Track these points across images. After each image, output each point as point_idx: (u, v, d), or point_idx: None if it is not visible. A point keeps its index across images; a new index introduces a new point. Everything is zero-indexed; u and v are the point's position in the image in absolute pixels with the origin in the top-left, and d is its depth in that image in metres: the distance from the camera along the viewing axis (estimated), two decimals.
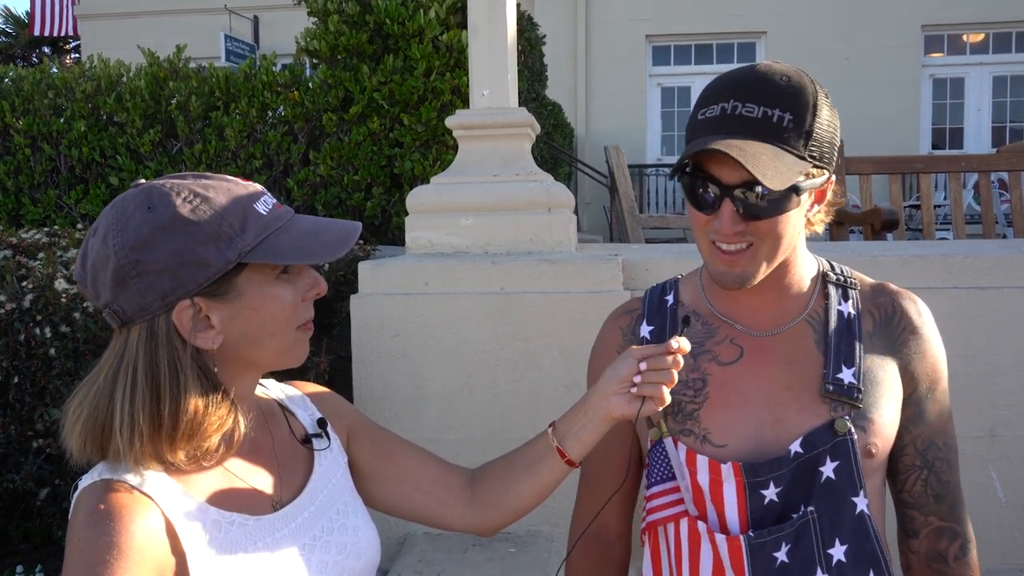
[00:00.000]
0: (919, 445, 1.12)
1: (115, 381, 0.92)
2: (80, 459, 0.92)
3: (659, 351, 1.03)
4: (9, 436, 2.71)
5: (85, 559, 0.85)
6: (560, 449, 1.10)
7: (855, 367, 1.09)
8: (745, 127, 0.99)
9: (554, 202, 2.93)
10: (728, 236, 1.02)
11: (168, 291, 0.91)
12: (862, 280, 1.18)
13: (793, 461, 1.06)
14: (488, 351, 2.70)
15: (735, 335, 1.14)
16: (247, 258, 0.93)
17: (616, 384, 1.05)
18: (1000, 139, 11.24)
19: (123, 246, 0.90)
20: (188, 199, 0.92)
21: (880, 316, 1.13)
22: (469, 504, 1.16)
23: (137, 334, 0.92)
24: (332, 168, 4.20)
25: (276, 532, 0.99)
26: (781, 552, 1.05)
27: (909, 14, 10.95)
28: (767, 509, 1.06)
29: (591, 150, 11.15)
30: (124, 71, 4.59)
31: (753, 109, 0.99)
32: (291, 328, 0.99)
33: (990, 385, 2.62)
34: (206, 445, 0.94)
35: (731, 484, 1.08)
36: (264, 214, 0.96)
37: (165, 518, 0.90)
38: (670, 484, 1.14)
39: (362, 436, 1.19)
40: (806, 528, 1.04)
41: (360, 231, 1.02)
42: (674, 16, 11.39)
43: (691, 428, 1.12)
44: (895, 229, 4.30)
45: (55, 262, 2.91)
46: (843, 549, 1.04)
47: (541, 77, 6.42)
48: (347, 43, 4.16)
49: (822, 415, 1.07)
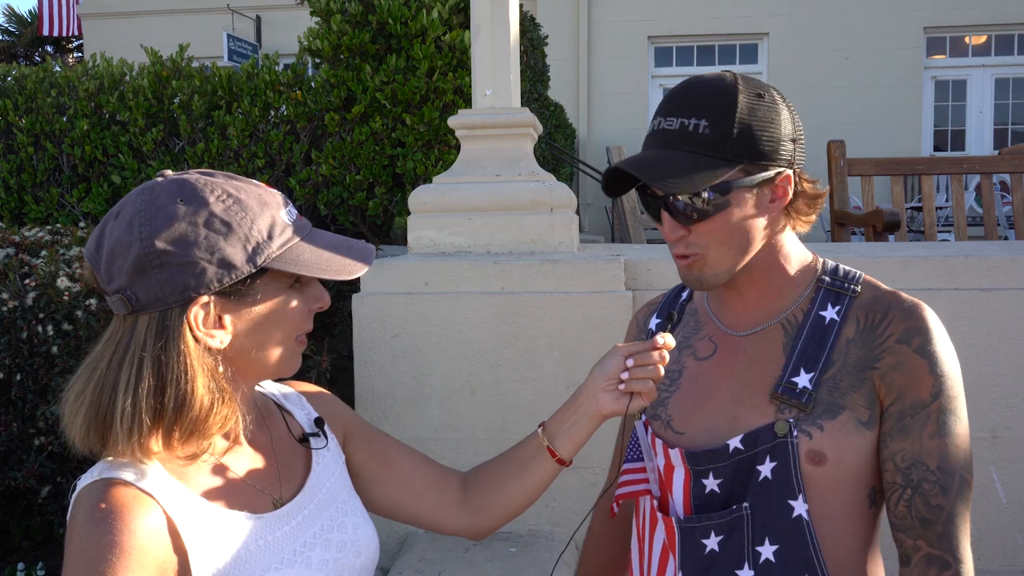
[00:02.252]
0: (899, 462, 1.04)
1: (120, 369, 0.90)
2: (82, 448, 0.91)
3: (645, 347, 1.06)
4: (11, 433, 2.72)
5: (87, 559, 0.84)
6: (551, 448, 1.11)
7: (815, 372, 1.07)
8: (663, 140, 1.06)
9: (556, 202, 2.94)
10: (672, 241, 1.09)
11: (188, 286, 0.90)
12: (871, 287, 1.13)
13: (732, 456, 1.08)
14: (490, 351, 2.70)
15: (714, 333, 1.18)
16: (271, 264, 0.93)
17: (604, 381, 1.07)
18: (1002, 141, 11.23)
19: (150, 235, 0.89)
20: (221, 198, 0.92)
21: (865, 323, 1.09)
22: (462, 507, 1.17)
23: (146, 324, 0.91)
24: (334, 167, 4.20)
25: (277, 530, 0.99)
26: (711, 540, 1.08)
27: (911, 16, 10.94)
28: (709, 498, 1.10)
29: (593, 151, 11.15)
30: (127, 70, 4.60)
31: (672, 122, 1.05)
32: (292, 338, 1.00)
33: (991, 387, 2.63)
34: (206, 443, 0.94)
35: (680, 470, 1.13)
36: (289, 223, 0.96)
37: (167, 516, 0.90)
38: (639, 464, 1.20)
39: (358, 438, 1.19)
40: (739, 523, 1.06)
41: (375, 253, 1.04)
42: (676, 17, 11.38)
43: (660, 414, 1.18)
44: (897, 230, 4.30)
45: (57, 260, 2.92)
46: (772, 549, 1.05)
47: (543, 77, 6.42)
48: (350, 43, 4.16)
49: (768, 415, 1.08)
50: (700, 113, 1.03)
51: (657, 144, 1.06)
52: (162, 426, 0.90)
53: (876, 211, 4.28)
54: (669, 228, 1.07)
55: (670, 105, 1.06)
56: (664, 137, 1.05)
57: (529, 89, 5.66)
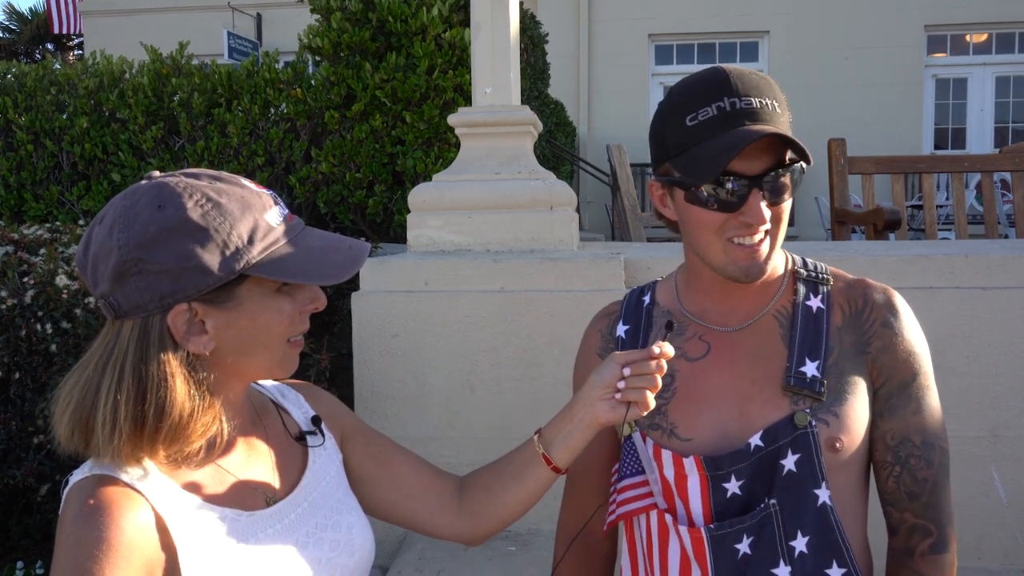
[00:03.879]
0: (889, 440, 1.10)
1: (103, 373, 0.90)
2: (67, 448, 0.91)
3: (642, 356, 1.03)
4: (10, 432, 2.71)
5: (74, 554, 0.84)
6: (546, 456, 1.10)
7: (819, 360, 1.09)
8: (755, 116, 1.01)
9: (556, 200, 2.93)
10: (762, 224, 1.03)
11: (167, 293, 0.89)
12: (839, 276, 1.17)
13: (753, 454, 1.07)
14: (489, 349, 2.70)
15: (703, 332, 1.16)
16: (252, 271, 0.92)
17: (600, 390, 1.05)
18: (1003, 139, 11.22)
19: (127, 242, 0.88)
20: (200, 202, 0.90)
21: (850, 310, 1.12)
22: (458, 513, 1.16)
23: (130, 329, 0.91)
24: (334, 165, 4.19)
25: (269, 528, 0.99)
26: (743, 544, 1.06)
27: (912, 14, 10.93)
28: (730, 502, 1.08)
29: (593, 149, 11.15)
30: (127, 68, 4.59)
31: (751, 101, 1.02)
32: (283, 341, 0.98)
33: (992, 385, 2.62)
34: (187, 449, 0.93)
35: (695, 478, 1.09)
36: (274, 226, 0.94)
37: (156, 513, 0.89)
38: (639, 478, 1.16)
39: (356, 438, 1.18)
40: (768, 520, 1.05)
41: (368, 252, 1.01)
42: (677, 15, 11.37)
43: (659, 423, 1.14)
44: (897, 229, 4.29)
45: (56, 258, 2.91)
46: (805, 541, 1.05)
47: (543, 75, 6.41)
48: (350, 40, 4.16)
49: (783, 408, 1.08)
50: (771, 95, 1.03)
51: (756, 120, 1.01)
52: (144, 433, 0.89)
53: (877, 209, 4.27)
54: (761, 211, 1.02)
55: (743, 86, 1.03)
56: (755, 114, 1.01)
57: (529, 87, 5.65)
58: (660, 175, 1.12)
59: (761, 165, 1.02)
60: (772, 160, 1.03)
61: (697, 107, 1.03)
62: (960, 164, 4.88)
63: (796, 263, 1.18)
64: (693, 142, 1.03)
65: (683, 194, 1.07)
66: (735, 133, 1.00)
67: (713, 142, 1.01)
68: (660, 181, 1.12)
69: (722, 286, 1.14)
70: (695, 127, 1.03)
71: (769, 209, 1.04)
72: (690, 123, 1.03)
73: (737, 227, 1.04)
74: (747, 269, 1.07)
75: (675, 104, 1.06)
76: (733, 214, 1.04)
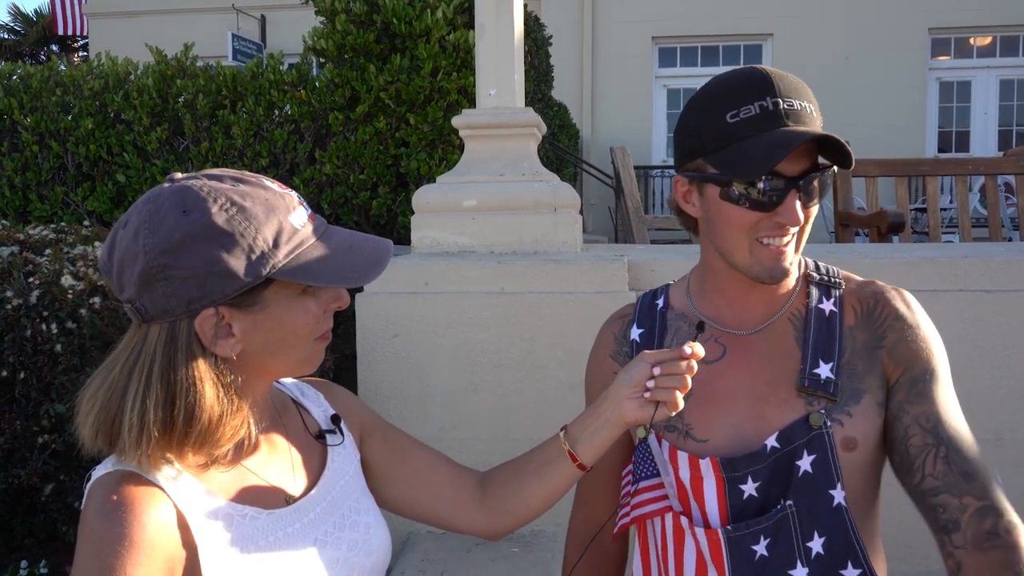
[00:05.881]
0: (924, 423, 1.05)
1: (130, 377, 0.90)
2: (91, 449, 0.92)
3: (673, 356, 1.02)
4: (15, 431, 2.72)
5: (96, 549, 0.85)
6: (572, 453, 1.10)
7: (833, 362, 1.09)
8: (797, 118, 1.02)
9: (560, 202, 2.93)
10: (795, 224, 1.04)
11: (194, 298, 0.89)
12: (850, 279, 1.18)
13: (770, 456, 1.07)
14: (493, 351, 2.70)
15: (718, 334, 1.16)
16: (278, 275, 0.92)
17: (629, 388, 1.05)
18: (1007, 142, 11.21)
19: (153, 248, 0.88)
20: (224, 207, 0.90)
21: (862, 309, 1.13)
22: (479, 507, 1.16)
23: (157, 334, 0.91)
24: (338, 167, 4.20)
25: (288, 527, 0.99)
26: (760, 546, 1.06)
27: (916, 17, 10.93)
28: (747, 504, 1.08)
29: (597, 151, 11.15)
30: (132, 69, 4.60)
31: (792, 103, 1.02)
32: (310, 339, 0.99)
33: (996, 389, 2.62)
34: (216, 453, 0.93)
35: (711, 479, 1.09)
36: (298, 228, 0.95)
37: (177, 510, 0.90)
38: (655, 480, 1.16)
39: (375, 435, 1.19)
40: (785, 522, 1.05)
41: (391, 251, 1.01)
42: (680, 18, 11.38)
43: (674, 424, 1.15)
44: (901, 232, 4.29)
45: (62, 258, 2.92)
46: (821, 541, 1.05)
47: (547, 78, 6.42)
48: (354, 42, 4.16)
49: (798, 409, 1.08)
50: (809, 99, 1.04)
51: (798, 122, 1.02)
52: (173, 437, 0.90)
53: (880, 212, 4.27)
54: (797, 212, 1.03)
55: (784, 87, 1.03)
56: (798, 116, 1.02)
57: (533, 89, 5.66)
58: (690, 171, 1.10)
59: (799, 167, 1.03)
60: (809, 163, 1.04)
61: (739, 104, 1.02)
62: (964, 167, 4.87)
63: (809, 267, 1.19)
64: (733, 139, 1.03)
65: (717, 191, 1.06)
66: (779, 133, 1.00)
67: (756, 140, 1.01)
68: (689, 177, 1.11)
69: (739, 288, 1.14)
70: (736, 124, 1.02)
71: (802, 211, 1.04)
72: (731, 120, 1.02)
73: (770, 227, 1.05)
74: (772, 270, 1.07)
75: (713, 100, 1.05)
76: (768, 214, 1.04)
